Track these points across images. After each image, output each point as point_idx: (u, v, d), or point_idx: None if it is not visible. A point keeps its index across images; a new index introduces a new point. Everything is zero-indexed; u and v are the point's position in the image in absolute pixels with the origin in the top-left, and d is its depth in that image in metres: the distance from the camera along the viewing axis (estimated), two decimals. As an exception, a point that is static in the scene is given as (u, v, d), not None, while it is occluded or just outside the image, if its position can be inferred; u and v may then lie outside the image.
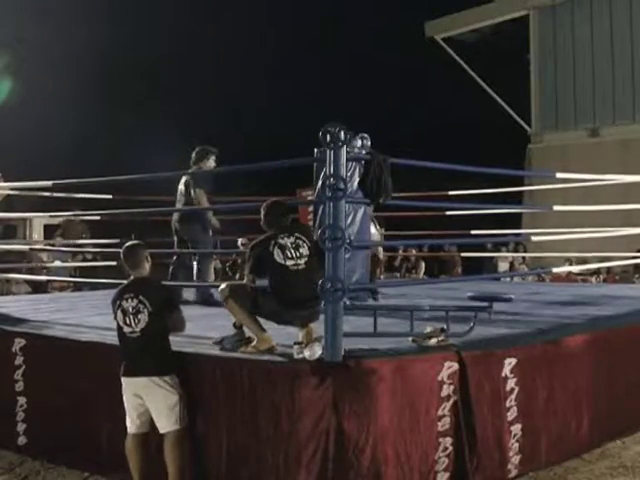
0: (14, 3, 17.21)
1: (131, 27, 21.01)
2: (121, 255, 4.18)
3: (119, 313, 4.02)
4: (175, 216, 6.68)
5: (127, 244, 4.20)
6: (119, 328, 4.04)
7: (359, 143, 6.29)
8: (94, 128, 20.57)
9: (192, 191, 6.50)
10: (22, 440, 4.92)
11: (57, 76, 18.85)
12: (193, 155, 6.67)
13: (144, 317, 3.95)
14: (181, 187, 6.69)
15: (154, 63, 22.62)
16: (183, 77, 24.03)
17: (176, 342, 4.16)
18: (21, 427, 4.92)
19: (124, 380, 4.01)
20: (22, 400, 4.92)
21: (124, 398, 4.03)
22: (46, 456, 4.72)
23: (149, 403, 3.96)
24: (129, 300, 3.99)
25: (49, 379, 4.78)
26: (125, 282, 4.18)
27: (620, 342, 5.17)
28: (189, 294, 6.63)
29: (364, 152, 5.83)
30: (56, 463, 4.64)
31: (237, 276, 11.03)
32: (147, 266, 4.14)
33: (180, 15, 23.49)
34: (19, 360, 4.94)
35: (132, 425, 4.03)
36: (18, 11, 17.46)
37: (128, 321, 3.98)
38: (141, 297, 3.98)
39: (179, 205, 6.72)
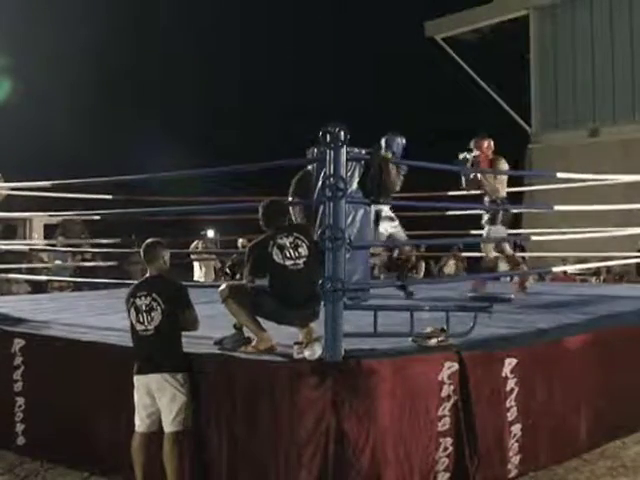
0: (14, 3, 17.22)
1: (131, 28, 21.01)
2: (141, 251, 4.21)
3: (132, 311, 4.02)
4: None
5: (147, 240, 4.23)
6: (132, 327, 4.05)
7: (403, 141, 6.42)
8: (94, 128, 20.57)
9: None
10: (21, 440, 4.91)
11: (57, 76, 18.85)
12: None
13: (157, 315, 3.97)
14: None
15: (154, 63, 22.63)
16: (183, 77, 24.03)
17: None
18: (20, 427, 4.91)
19: (136, 378, 4.01)
20: (21, 400, 4.91)
21: (135, 397, 4.03)
22: (46, 456, 4.72)
23: (160, 401, 3.96)
24: (142, 298, 4.01)
25: (48, 379, 4.77)
26: (137, 281, 4.19)
27: (620, 342, 5.16)
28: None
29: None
30: (56, 463, 4.64)
31: (237, 276, 11.05)
32: (163, 264, 4.15)
33: (180, 15, 23.49)
34: (18, 360, 4.94)
35: (141, 424, 4.03)
36: (18, 11, 17.47)
37: (141, 319, 3.99)
38: (154, 295, 4.00)
39: None
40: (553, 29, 16.36)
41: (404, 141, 6.52)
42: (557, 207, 6.52)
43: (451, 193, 8.27)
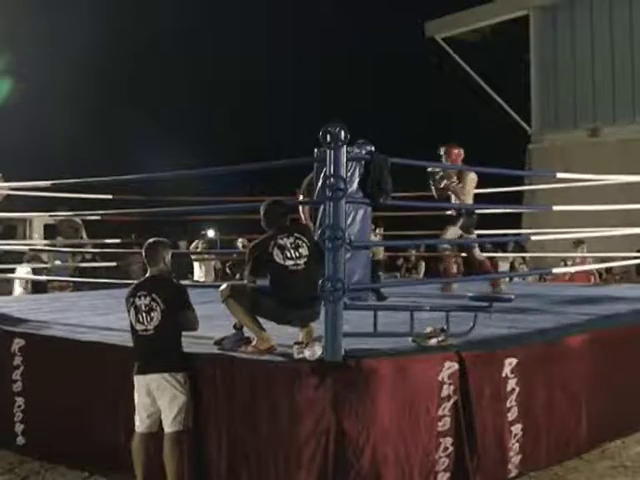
0: (14, 2, 17.21)
1: (132, 27, 21.01)
2: (142, 250, 4.21)
3: (132, 311, 4.03)
4: None
5: (149, 240, 4.23)
6: (132, 327, 4.05)
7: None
8: (93, 128, 20.58)
9: None
10: (20, 440, 4.91)
11: (57, 76, 18.85)
12: None
13: (157, 315, 3.97)
14: None
15: (154, 63, 22.63)
16: (183, 77, 24.03)
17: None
18: (19, 428, 4.91)
19: (136, 379, 4.01)
20: (20, 400, 4.91)
21: (135, 397, 4.03)
22: (45, 456, 4.72)
23: (160, 401, 3.96)
24: (142, 298, 4.01)
25: (48, 379, 4.77)
26: (137, 280, 4.20)
27: (620, 342, 5.17)
28: None
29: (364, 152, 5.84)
30: (56, 463, 4.64)
31: (237, 276, 11.06)
32: (164, 264, 4.16)
33: (180, 14, 23.50)
34: (17, 360, 4.94)
35: (141, 424, 4.03)
36: (18, 11, 17.46)
37: (141, 319, 4.00)
38: (154, 295, 4.00)
39: None
40: (553, 29, 16.35)
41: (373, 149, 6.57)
42: (557, 207, 6.52)
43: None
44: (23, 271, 9.44)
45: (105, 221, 8.17)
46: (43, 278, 9.42)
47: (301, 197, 6.69)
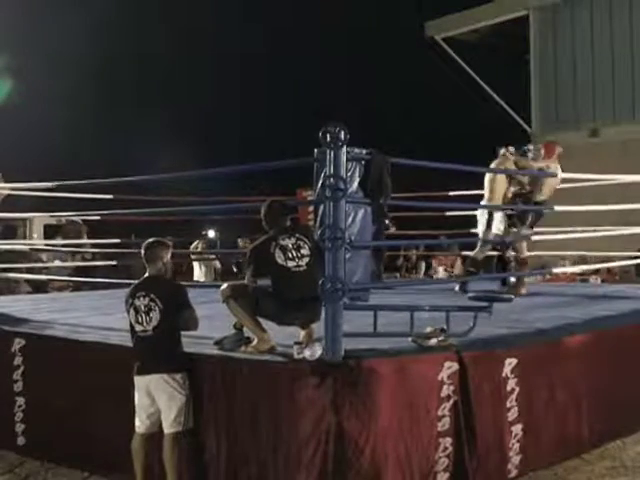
0: (15, 3, 17.22)
1: (131, 27, 21.02)
2: (141, 250, 4.21)
3: (131, 311, 4.04)
4: None
5: (149, 240, 4.23)
6: (131, 327, 4.06)
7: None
8: (94, 128, 20.59)
9: None
10: (21, 440, 4.91)
11: (57, 76, 18.86)
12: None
13: (156, 315, 3.97)
14: None
15: (154, 63, 22.64)
16: (183, 78, 24.05)
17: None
18: (20, 428, 4.91)
19: (136, 379, 4.02)
20: (20, 400, 4.92)
21: (135, 398, 4.03)
22: (46, 456, 4.72)
23: (159, 401, 3.96)
24: (141, 298, 4.01)
25: (48, 379, 4.77)
26: (136, 281, 4.21)
27: (620, 342, 5.17)
28: None
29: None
30: (56, 463, 4.64)
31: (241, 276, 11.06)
32: (162, 265, 4.15)
33: (181, 15, 23.51)
34: (18, 360, 4.94)
35: (141, 425, 4.03)
36: (18, 11, 17.47)
37: (140, 319, 4.00)
38: (152, 295, 4.00)
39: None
40: (553, 29, 16.35)
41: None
42: (557, 207, 6.53)
43: (452, 193, 8.28)
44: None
45: (106, 221, 8.17)
46: (43, 277, 9.43)
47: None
